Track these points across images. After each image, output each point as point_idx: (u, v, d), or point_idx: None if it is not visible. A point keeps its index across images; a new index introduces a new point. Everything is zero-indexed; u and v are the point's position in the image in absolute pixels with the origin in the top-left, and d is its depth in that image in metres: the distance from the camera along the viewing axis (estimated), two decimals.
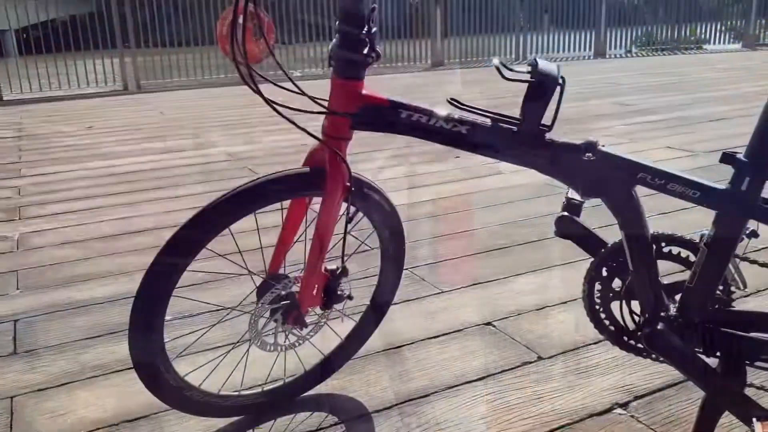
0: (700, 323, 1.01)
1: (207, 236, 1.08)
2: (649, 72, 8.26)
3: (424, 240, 2.36)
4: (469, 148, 1.06)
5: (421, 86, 7.62)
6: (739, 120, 4.52)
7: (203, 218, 1.08)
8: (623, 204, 1.01)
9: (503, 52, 11.26)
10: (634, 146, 3.83)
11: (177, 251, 1.07)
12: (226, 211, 1.08)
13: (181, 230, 1.07)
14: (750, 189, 0.94)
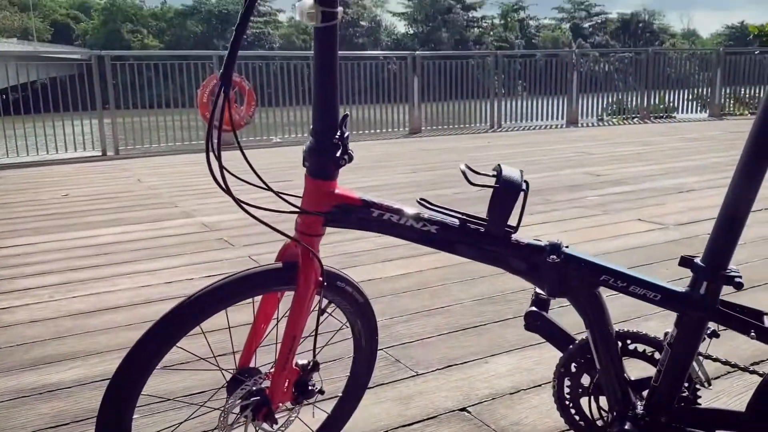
0: (667, 422, 1.02)
1: (178, 335, 1.08)
2: (620, 141, 8.51)
3: (399, 317, 2.36)
4: (438, 247, 1.09)
5: (399, 154, 7.76)
6: (708, 191, 4.65)
7: (175, 317, 1.08)
8: (588, 304, 1.04)
9: (479, 120, 11.56)
10: (607, 218, 3.91)
11: (147, 350, 1.07)
12: (198, 310, 1.08)
13: (152, 329, 1.07)
14: (708, 292, 0.97)
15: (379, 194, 4.75)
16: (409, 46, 56.27)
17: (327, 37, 1.01)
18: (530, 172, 5.83)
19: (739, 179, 0.94)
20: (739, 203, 0.94)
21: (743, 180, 0.93)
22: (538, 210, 4.19)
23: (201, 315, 1.09)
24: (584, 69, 13.13)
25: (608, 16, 74.67)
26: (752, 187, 0.94)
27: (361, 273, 2.90)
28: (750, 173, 0.93)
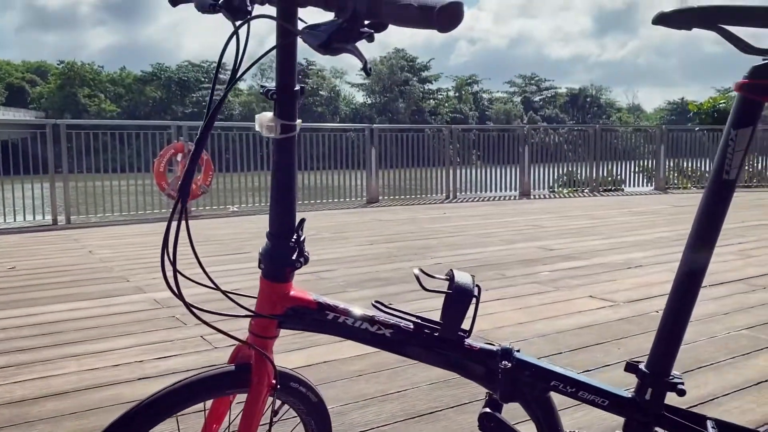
0: None
1: None
2: (570, 214, 8.76)
3: (354, 403, 2.33)
4: (392, 350, 1.10)
5: (358, 225, 7.80)
6: (655, 267, 4.80)
7: (122, 427, 1.05)
8: (538, 409, 1.06)
9: (436, 190, 11.78)
10: (560, 295, 3.98)
11: None
12: (147, 419, 1.06)
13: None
14: (653, 398, 1.00)
15: (338, 268, 4.79)
16: (367, 115, 57.56)
17: (286, 147, 1.04)
18: (486, 245, 5.96)
19: (676, 293, 0.99)
20: (678, 313, 0.98)
21: (679, 293, 0.98)
22: (494, 286, 4.25)
23: (149, 424, 1.06)
24: (536, 140, 13.61)
25: (557, 91, 78.10)
26: (689, 299, 0.98)
27: (318, 354, 2.86)
28: (685, 288, 0.98)
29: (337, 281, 4.28)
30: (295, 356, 2.84)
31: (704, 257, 0.97)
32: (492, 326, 3.31)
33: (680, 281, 0.98)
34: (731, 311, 3.54)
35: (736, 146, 0.92)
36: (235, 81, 0.97)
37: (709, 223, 0.96)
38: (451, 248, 5.78)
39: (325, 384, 2.52)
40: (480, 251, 5.63)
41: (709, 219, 0.96)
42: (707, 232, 0.96)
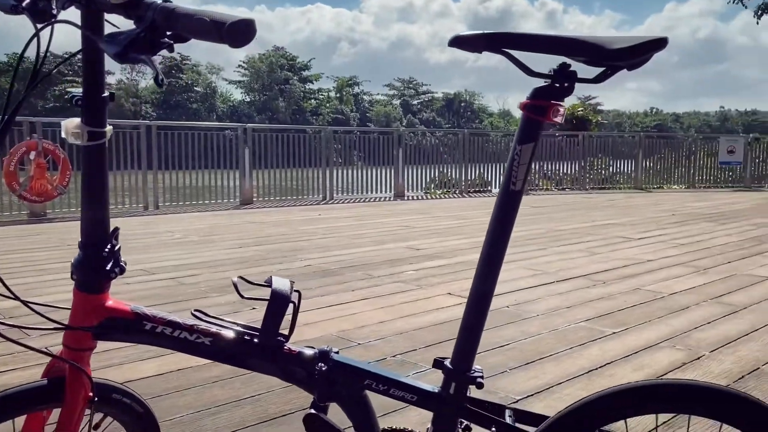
0: None
1: None
2: (440, 215, 9.08)
3: (206, 410, 2.30)
4: (214, 358, 1.11)
5: (228, 227, 7.65)
6: (511, 264, 5.07)
7: None
8: (354, 407, 1.10)
9: (312, 191, 11.78)
10: (422, 292, 4.13)
11: None
12: None
13: None
14: (456, 392, 1.08)
15: (202, 272, 4.67)
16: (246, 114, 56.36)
17: (95, 154, 1.01)
18: (357, 246, 6.05)
19: (474, 295, 1.07)
20: (476, 313, 1.07)
21: (478, 292, 1.07)
22: (359, 286, 4.33)
23: None
24: (413, 143, 13.98)
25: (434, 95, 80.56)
26: (485, 299, 1.07)
27: (173, 362, 2.79)
28: (482, 291, 1.06)
29: (199, 287, 4.18)
30: (146, 366, 2.76)
31: (497, 261, 1.06)
32: (354, 326, 3.38)
33: (477, 284, 1.07)
34: (573, 305, 3.83)
35: (521, 160, 1.01)
36: (35, 83, 0.93)
37: (500, 229, 1.05)
38: (322, 250, 5.82)
39: (177, 393, 2.46)
40: (350, 252, 5.70)
41: (500, 225, 1.05)
42: (499, 237, 1.05)
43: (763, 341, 3.11)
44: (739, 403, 1.03)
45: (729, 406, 1.03)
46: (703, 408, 1.05)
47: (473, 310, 1.06)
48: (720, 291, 4.19)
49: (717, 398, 1.04)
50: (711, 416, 1.06)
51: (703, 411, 1.05)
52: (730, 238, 6.65)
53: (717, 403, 1.03)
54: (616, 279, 4.58)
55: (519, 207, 1.06)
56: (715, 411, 1.05)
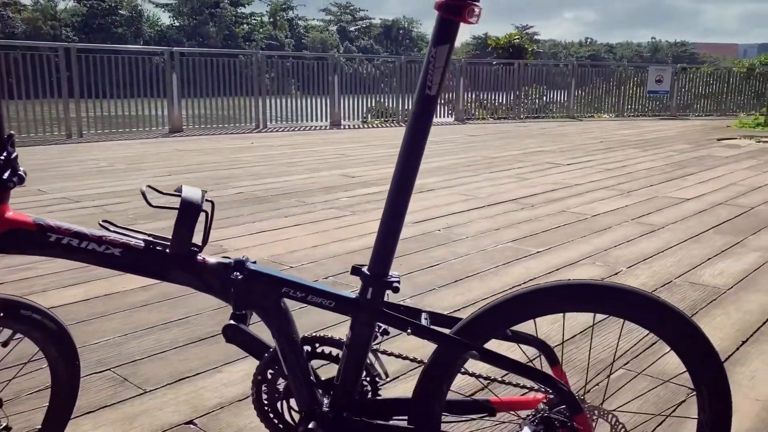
0: (349, 416, 1.13)
1: None
2: (377, 143, 9.04)
3: (132, 333, 2.27)
4: (125, 270, 1.08)
5: (156, 155, 7.40)
6: (445, 191, 5.15)
7: None
8: (272, 315, 1.11)
9: (245, 120, 11.47)
10: (356, 218, 4.15)
11: None
12: None
13: None
14: (373, 297, 1.09)
15: (130, 200, 4.53)
16: (175, 39, 53.75)
17: None
18: (291, 174, 5.98)
19: (391, 199, 1.07)
20: (392, 220, 1.07)
21: (394, 199, 1.07)
22: (292, 212, 4.31)
23: None
24: (350, 71, 13.71)
25: (372, 21, 78.79)
26: (401, 205, 1.07)
27: (99, 288, 2.73)
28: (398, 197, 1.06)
29: (127, 214, 4.06)
30: (70, 292, 2.69)
31: (413, 167, 1.05)
32: (286, 250, 3.38)
33: (394, 191, 1.06)
34: (501, 227, 3.93)
35: (436, 63, 1.00)
36: None
37: (416, 135, 1.04)
38: (255, 178, 5.73)
39: (104, 317, 2.42)
40: (284, 180, 5.64)
41: (416, 132, 1.04)
42: (415, 144, 1.05)
43: (677, 257, 3.29)
44: (637, 298, 1.09)
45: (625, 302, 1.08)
46: (605, 306, 1.10)
47: (390, 216, 1.07)
48: (641, 212, 4.38)
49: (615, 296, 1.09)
50: (612, 313, 1.12)
51: (605, 309, 1.11)
52: (654, 163, 6.92)
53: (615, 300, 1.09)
54: (544, 202, 4.71)
55: (434, 113, 1.04)
56: (614, 308, 1.10)
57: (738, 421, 1.66)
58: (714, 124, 13.24)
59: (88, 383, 1.89)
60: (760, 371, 2.02)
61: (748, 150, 8.39)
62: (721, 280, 2.91)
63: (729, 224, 4.03)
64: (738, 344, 2.22)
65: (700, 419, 1.12)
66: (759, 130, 11.59)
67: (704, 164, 6.88)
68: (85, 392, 1.83)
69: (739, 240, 3.63)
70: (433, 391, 1.13)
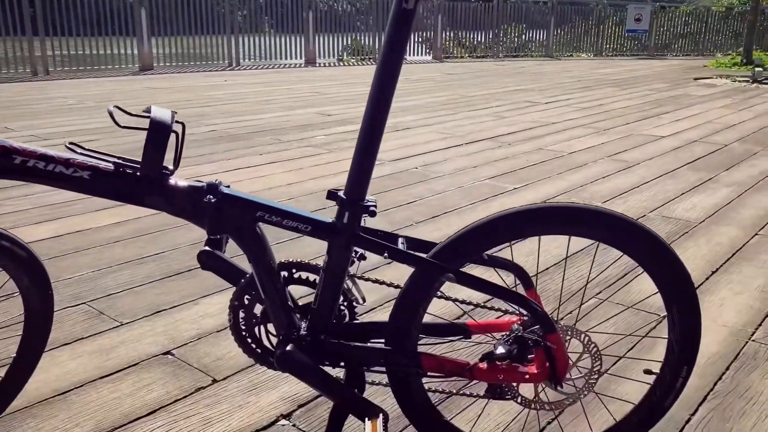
0: (326, 339, 1.14)
1: None
2: (353, 81, 8.90)
3: (107, 268, 2.25)
4: (94, 193, 1.05)
5: (125, 94, 7.20)
6: (422, 129, 5.11)
7: None
8: (247, 240, 1.09)
9: (218, 57, 11.19)
10: (332, 156, 4.11)
11: None
12: None
13: None
14: (350, 221, 1.08)
15: (100, 138, 4.43)
16: None
17: None
18: (265, 112, 5.87)
19: (368, 122, 1.04)
20: (368, 143, 1.05)
21: (370, 123, 1.04)
22: (268, 150, 4.25)
23: None
24: (324, 9, 13.35)
25: None
26: (377, 129, 1.04)
27: (71, 224, 2.69)
28: (375, 113, 1.04)
29: None
30: (42, 228, 2.64)
31: (390, 84, 1.02)
32: (263, 187, 3.34)
33: (370, 112, 1.04)
34: (479, 165, 3.93)
35: None
36: None
37: (393, 52, 1.01)
38: (228, 115, 5.62)
39: (77, 253, 2.39)
40: (258, 118, 5.54)
41: (393, 48, 1.01)
42: (392, 59, 1.02)
43: (651, 192, 3.33)
44: (612, 220, 1.09)
45: (601, 224, 1.09)
46: (581, 229, 1.11)
47: (366, 139, 1.04)
48: (617, 149, 4.40)
49: (591, 219, 1.10)
50: (588, 236, 1.12)
51: (581, 231, 1.11)
52: (630, 102, 6.92)
53: (591, 223, 1.10)
54: (521, 140, 4.70)
55: (411, 28, 1.01)
56: (590, 231, 1.11)
57: (706, 345, 1.72)
58: (691, 63, 13.23)
59: (63, 316, 1.88)
60: (727, 299, 2.07)
61: (723, 89, 8.42)
62: (693, 214, 2.95)
63: (703, 161, 4.07)
64: (708, 274, 2.27)
65: (670, 339, 1.15)
66: (735, 69, 11.61)
67: (680, 103, 6.90)
68: (61, 325, 1.83)
69: (712, 176, 3.67)
70: (409, 314, 1.13)
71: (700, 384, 1.58)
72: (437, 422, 1.22)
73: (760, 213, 2.97)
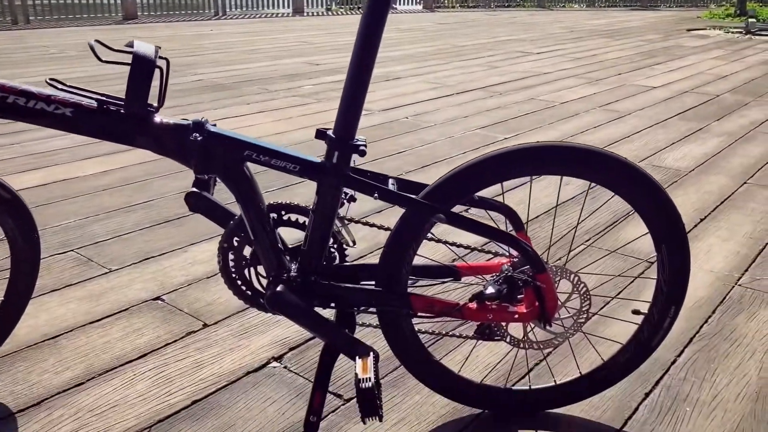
0: (316, 280, 1.13)
1: None
2: (341, 31, 8.73)
3: (94, 216, 2.23)
4: (76, 130, 1.02)
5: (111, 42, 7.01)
6: (412, 79, 5.04)
7: None
8: (235, 180, 1.07)
9: (203, 7, 10.93)
10: (320, 106, 4.06)
11: None
12: None
13: None
14: (339, 161, 1.06)
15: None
16: None
17: None
18: (252, 62, 5.77)
19: (357, 55, 1.01)
20: (358, 81, 1.02)
21: (360, 54, 1.01)
22: (255, 99, 4.19)
23: None
24: None
25: None
26: (367, 67, 1.02)
27: (57, 173, 2.65)
28: (364, 50, 1.01)
29: None
30: (27, 176, 2.61)
31: (380, 19, 0.99)
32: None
33: (358, 50, 1.01)
34: (470, 115, 3.89)
35: None
36: None
37: None
38: (215, 65, 5.51)
39: (64, 201, 2.37)
40: (245, 67, 5.44)
41: None
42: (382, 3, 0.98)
43: (642, 142, 3.32)
44: (604, 158, 1.08)
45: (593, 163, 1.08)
46: (573, 168, 1.10)
47: (354, 77, 1.02)
48: (608, 99, 4.37)
49: (583, 158, 1.09)
50: (580, 175, 1.11)
51: (572, 171, 1.10)
52: (622, 53, 6.84)
53: (583, 162, 1.09)
54: (513, 90, 4.65)
55: None
56: (582, 171, 1.10)
57: (693, 290, 1.74)
58: (685, 15, 13.07)
59: (51, 263, 1.87)
60: (715, 246, 2.09)
61: (716, 40, 8.35)
62: (683, 163, 2.95)
63: (694, 111, 4.05)
64: (696, 222, 2.28)
65: (659, 279, 1.15)
66: (729, 20, 11.49)
67: (672, 54, 6.84)
68: (49, 272, 1.82)
69: (703, 126, 3.66)
70: (400, 255, 1.13)
71: (687, 327, 1.60)
72: (427, 362, 1.23)
73: (750, 162, 2.98)
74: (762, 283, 1.84)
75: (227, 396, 1.34)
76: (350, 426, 1.26)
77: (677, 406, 1.32)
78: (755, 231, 2.20)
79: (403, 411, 1.30)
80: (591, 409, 1.30)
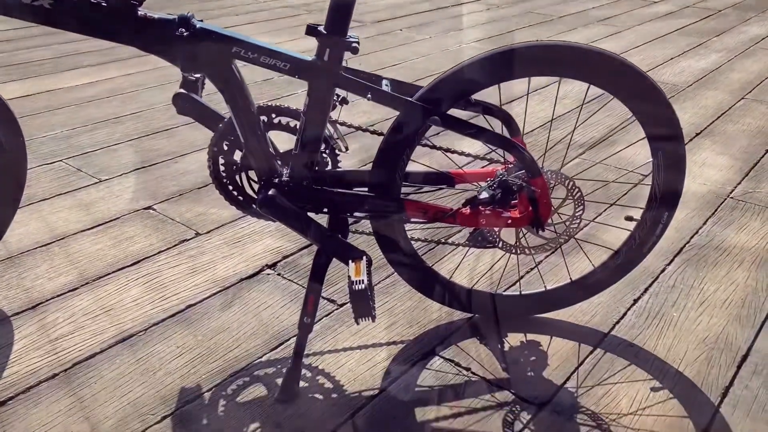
0: (308, 185, 1.12)
1: None
2: None
3: (82, 127, 2.19)
4: (56, 24, 0.98)
5: None
6: None
7: None
8: (223, 78, 1.04)
9: None
10: (311, 18, 3.92)
11: None
12: None
13: None
14: (331, 59, 1.02)
15: None
16: None
17: None
18: None
19: None
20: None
21: None
22: (243, 10, 4.05)
23: None
24: None
25: None
26: None
27: (40, 84, 2.58)
28: None
29: None
30: (10, 87, 2.54)
31: None
32: None
33: None
34: (465, 28, 3.78)
35: None
36: None
37: None
38: None
39: (49, 112, 2.31)
40: None
41: None
42: None
43: (640, 57, 3.25)
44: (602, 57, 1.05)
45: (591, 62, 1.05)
46: (571, 69, 1.07)
47: None
48: (607, 14, 4.24)
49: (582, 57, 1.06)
50: (577, 76, 1.09)
51: (570, 72, 1.07)
52: None
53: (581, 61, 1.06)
54: (509, 3, 4.51)
55: None
56: (580, 71, 1.07)
57: (685, 202, 1.74)
58: None
59: (39, 173, 1.85)
60: (709, 159, 2.08)
61: None
62: (681, 78, 2.90)
63: (694, 26, 3.95)
64: (692, 136, 2.26)
65: (654, 184, 1.14)
66: None
67: None
68: (38, 181, 1.80)
69: (703, 41, 3.58)
70: (393, 159, 1.11)
71: (677, 237, 1.62)
72: (419, 268, 1.24)
73: (749, 78, 2.93)
74: (754, 196, 1.84)
75: (221, 301, 1.35)
76: (343, 329, 1.28)
77: (665, 312, 1.34)
78: (750, 145, 2.19)
79: (395, 315, 1.32)
80: (580, 314, 1.32)
